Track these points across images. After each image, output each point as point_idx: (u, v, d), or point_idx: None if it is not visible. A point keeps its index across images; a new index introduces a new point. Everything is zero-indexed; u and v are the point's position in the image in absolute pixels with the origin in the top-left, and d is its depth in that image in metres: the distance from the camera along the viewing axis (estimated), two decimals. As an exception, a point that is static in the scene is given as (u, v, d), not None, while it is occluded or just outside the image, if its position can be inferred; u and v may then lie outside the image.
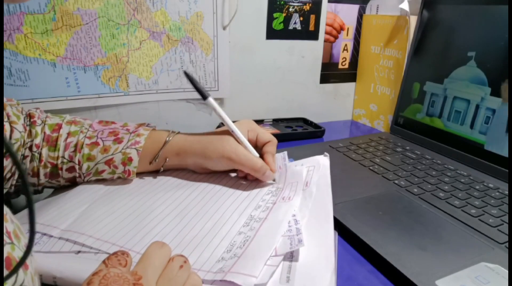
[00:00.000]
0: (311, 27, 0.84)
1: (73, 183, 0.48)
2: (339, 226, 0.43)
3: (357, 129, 0.91)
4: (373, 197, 0.50)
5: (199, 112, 0.78)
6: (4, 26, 0.57)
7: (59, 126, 0.47)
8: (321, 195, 0.45)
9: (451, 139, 0.65)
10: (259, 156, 0.49)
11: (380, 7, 0.86)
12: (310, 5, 0.81)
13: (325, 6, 0.83)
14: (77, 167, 0.46)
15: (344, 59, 0.91)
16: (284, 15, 0.80)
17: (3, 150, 0.16)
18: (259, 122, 0.83)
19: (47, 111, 0.50)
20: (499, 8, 0.58)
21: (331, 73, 0.91)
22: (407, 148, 0.68)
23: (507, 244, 0.41)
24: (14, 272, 0.20)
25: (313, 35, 0.85)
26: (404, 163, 0.61)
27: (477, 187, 0.53)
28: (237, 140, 0.48)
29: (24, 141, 0.44)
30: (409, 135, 0.74)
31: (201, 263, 0.33)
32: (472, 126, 0.62)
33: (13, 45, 0.58)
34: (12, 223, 0.24)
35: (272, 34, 0.80)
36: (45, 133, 0.46)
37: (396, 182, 0.54)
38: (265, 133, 0.51)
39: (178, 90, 0.74)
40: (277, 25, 0.80)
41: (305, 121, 0.86)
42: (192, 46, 0.72)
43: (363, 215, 0.45)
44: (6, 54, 0.58)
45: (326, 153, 0.53)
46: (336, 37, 0.88)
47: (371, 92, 0.89)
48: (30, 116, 0.46)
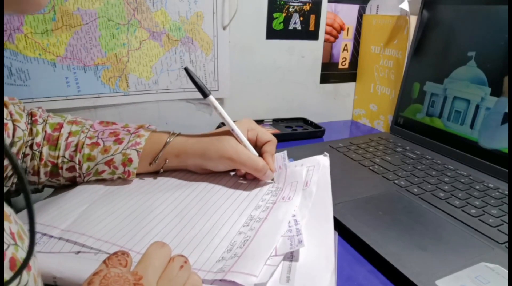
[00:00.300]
0: (311, 27, 0.84)
1: (73, 183, 0.48)
2: (339, 226, 0.43)
3: (357, 129, 0.91)
4: (373, 197, 0.50)
5: (199, 112, 0.78)
6: (4, 26, 0.57)
7: (61, 125, 0.47)
8: (321, 195, 0.45)
9: (451, 139, 0.65)
10: (259, 155, 0.49)
11: (380, 7, 0.86)
12: (310, 5, 0.81)
13: (325, 6, 0.83)
14: (77, 167, 0.46)
15: (344, 59, 0.91)
16: (284, 15, 0.80)
17: (3, 150, 0.16)
18: (259, 122, 0.82)
19: (47, 111, 0.50)
20: (499, 8, 0.58)
21: (331, 73, 0.91)
22: (407, 148, 0.68)
23: (507, 244, 0.41)
24: (17, 274, 0.20)
25: (313, 35, 0.85)
26: (404, 163, 0.61)
27: (477, 187, 0.53)
28: (237, 139, 0.47)
29: (25, 139, 0.44)
30: (409, 135, 0.74)
31: (201, 263, 0.33)
32: (472, 126, 0.62)
33: (14, 45, 0.58)
34: (16, 224, 0.24)
35: (272, 34, 0.80)
36: (46, 132, 0.46)
37: (396, 182, 0.54)
38: (265, 132, 0.51)
39: (178, 90, 0.74)
40: (277, 25, 0.80)
41: (305, 121, 0.86)
42: (192, 46, 0.72)
43: (363, 215, 0.45)
44: (6, 53, 0.58)
45: (326, 153, 0.53)
46: (336, 37, 0.88)
47: (371, 92, 0.89)
48: (31, 114, 0.46)
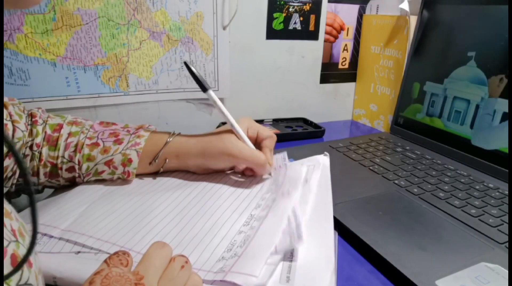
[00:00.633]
0: (311, 27, 0.84)
1: (72, 183, 0.48)
2: (339, 226, 0.43)
3: (357, 129, 0.91)
4: (373, 197, 0.50)
5: (199, 112, 0.78)
6: (4, 26, 0.57)
7: (60, 126, 0.47)
8: (321, 195, 0.45)
9: (451, 139, 0.65)
10: None
11: (380, 7, 0.86)
12: (310, 5, 0.81)
13: (325, 6, 0.83)
14: (76, 167, 0.46)
15: (344, 59, 0.91)
16: (284, 15, 0.80)
17: (3, 150, 0.16)
18: (259, 122, 0.82)
19: (47, 110, 0.50)
20: (499, 8, 0.58)
21: (331, 73, 0.91)
22: (407, 148, 0.68)
23: (507, 244, 0.41)
24: (18, 268, 0.20)
25: (313, 35, 0.85)
26: (404, 163, 0.61)
27: (477, 187, 0.53)
28: (237, 135, 0.47)
29: (25, 140, 0.44)
30: (409, 135, 0.74)
31: (201, 263, 0.33)
32: (472, 126, 0.62)
33: (14, 45, 0.58)
34: (17, 221, 0.24)
35: (272, 34, 0.80)
36: (46, 132, 0.46)
37: (396, 182, 0.54)
38: (265, 129, 0.51)
39: (178, 90, 0.74)
40: (277, 25, 0.80)
41: (305, 121, 0.86)
42: (192, 46, 0.72)
43: (363, 215, 0.45)
44: (6, 53, 0.58)
45: (326, 153, 0.53)
46: (336, 37, 0.88)
47: (371, 92, 0.89)
48: (31, 115, 0.46)
